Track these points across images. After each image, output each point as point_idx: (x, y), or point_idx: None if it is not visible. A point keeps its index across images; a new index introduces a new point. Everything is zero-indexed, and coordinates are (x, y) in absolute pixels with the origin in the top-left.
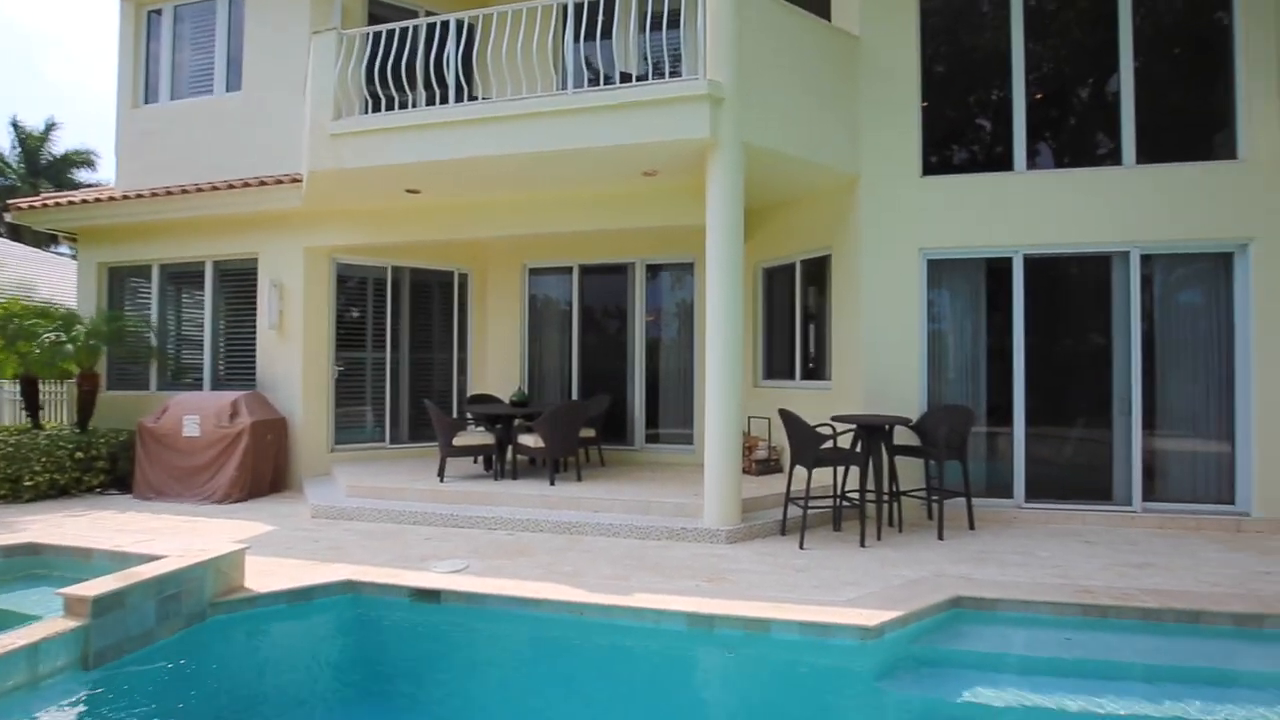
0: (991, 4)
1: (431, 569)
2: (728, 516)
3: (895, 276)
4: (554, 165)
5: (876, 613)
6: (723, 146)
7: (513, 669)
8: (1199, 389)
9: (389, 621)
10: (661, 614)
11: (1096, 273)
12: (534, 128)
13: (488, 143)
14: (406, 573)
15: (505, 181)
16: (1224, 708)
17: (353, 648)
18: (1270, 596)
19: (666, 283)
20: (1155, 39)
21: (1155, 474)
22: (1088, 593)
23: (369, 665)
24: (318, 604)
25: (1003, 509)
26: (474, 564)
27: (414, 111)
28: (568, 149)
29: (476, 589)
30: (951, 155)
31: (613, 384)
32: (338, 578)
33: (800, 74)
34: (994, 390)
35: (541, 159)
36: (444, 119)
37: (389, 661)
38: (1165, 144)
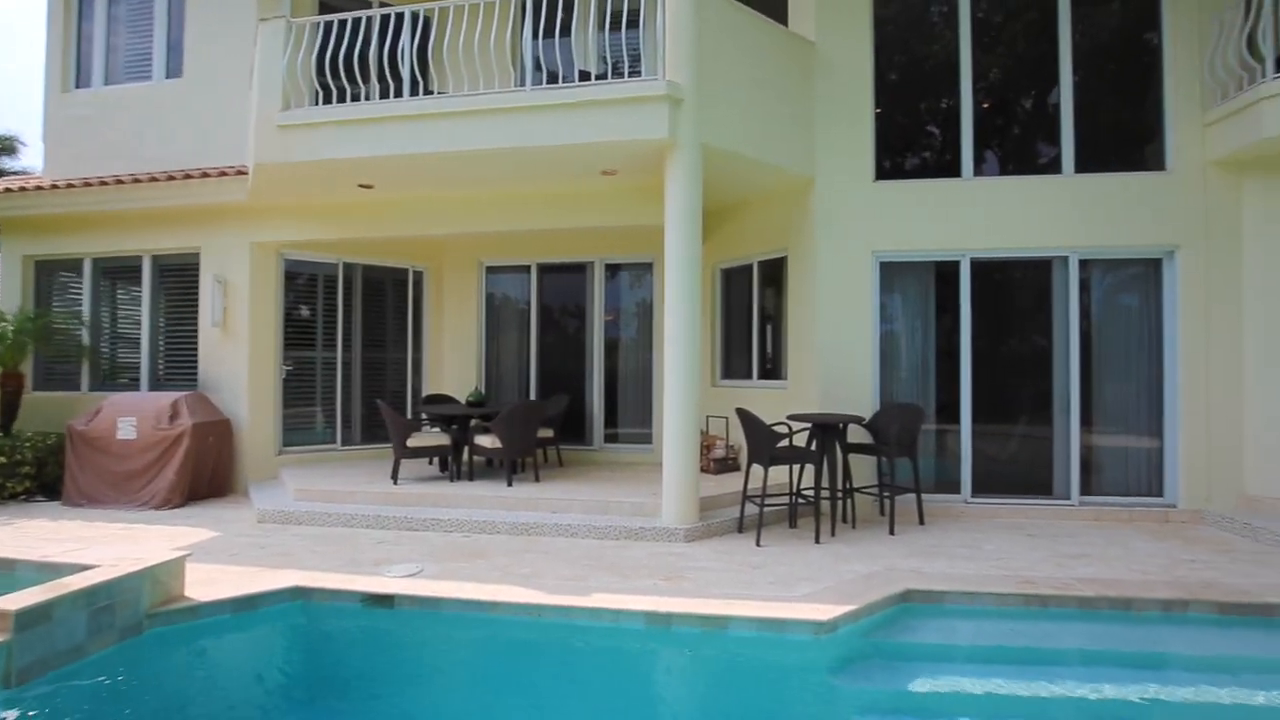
0: (942, 15)
1: (385, 573)
2: (686, 515)
3: (849, 278)
4: (511, 163)
5: (830, 608)
6: (681, 147)
7: (470, 673)
8: (1131, 388)
9: (341, 629)
10: (619, 614)
11: (1038, 276)
12: (491, 124)
13: (443, 138)
14: (359, 578)
15: (461, 178)
16: (1153, 689)
17: (303, 657)
18: (1194, 584)
19: (625, 282)
20: (1092, 54)
21: (1092, 469)
22: (1029, 583)
23: (320, 674)
24: (265, 612)
25: (951, 504)
26: (429, 567)
27: (367, 105)
28: (525, 147)
29: (432, 593)
30: (903, 160)
31: (571, 384)
32: (286, 584)
33: (758, 77)
34: (943, 389)
35: (499, 156)
36: (398, 113)
37: (341, 670)
38: (1102, 154)
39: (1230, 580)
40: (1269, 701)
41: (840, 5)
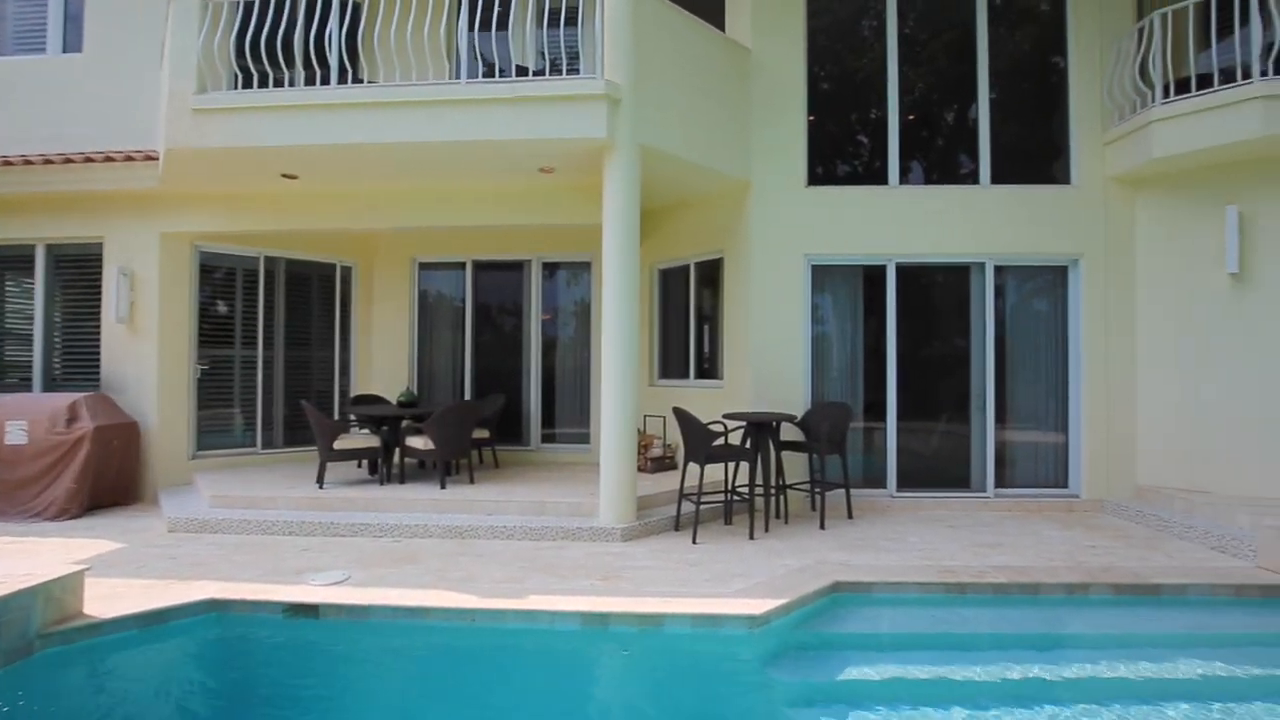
0: (872, 30)
1: (309, 581)
2: (623, 515)
3: (782, 280)
4: (446, 157)
5: (763, 602)
6: (619, 147)
7: (400, 682)
8: (1041, 387)
9: (261, 642)
10: (555, 615)
11: (958, 282)
12: (425, 116)
13: (374, 129)
14: (280, 587)
15: (393, 171)
16: (1059, 668)
17: (218, 673)
18: (1095, 568)
19: (563, 281)
20: (1007, 75)
21: (1006, 463)
22: (949, 572)
23: (238, 691)
24: (176, 627)
25: (878, 498)
26: (357, 574)
27: (292, 90)
28: (460, 141)
29: (359, 600)
30: (834, 167)
31: (508, 383)
32: (200, 596)
33: (696, 81)
34: (870, 388)
35: (432, 150)
36: (326, 101)
37: (261, 685)
38: (1015, 168)
39: (1125, 564)
40: (1158, 674)
41: (775, 14)
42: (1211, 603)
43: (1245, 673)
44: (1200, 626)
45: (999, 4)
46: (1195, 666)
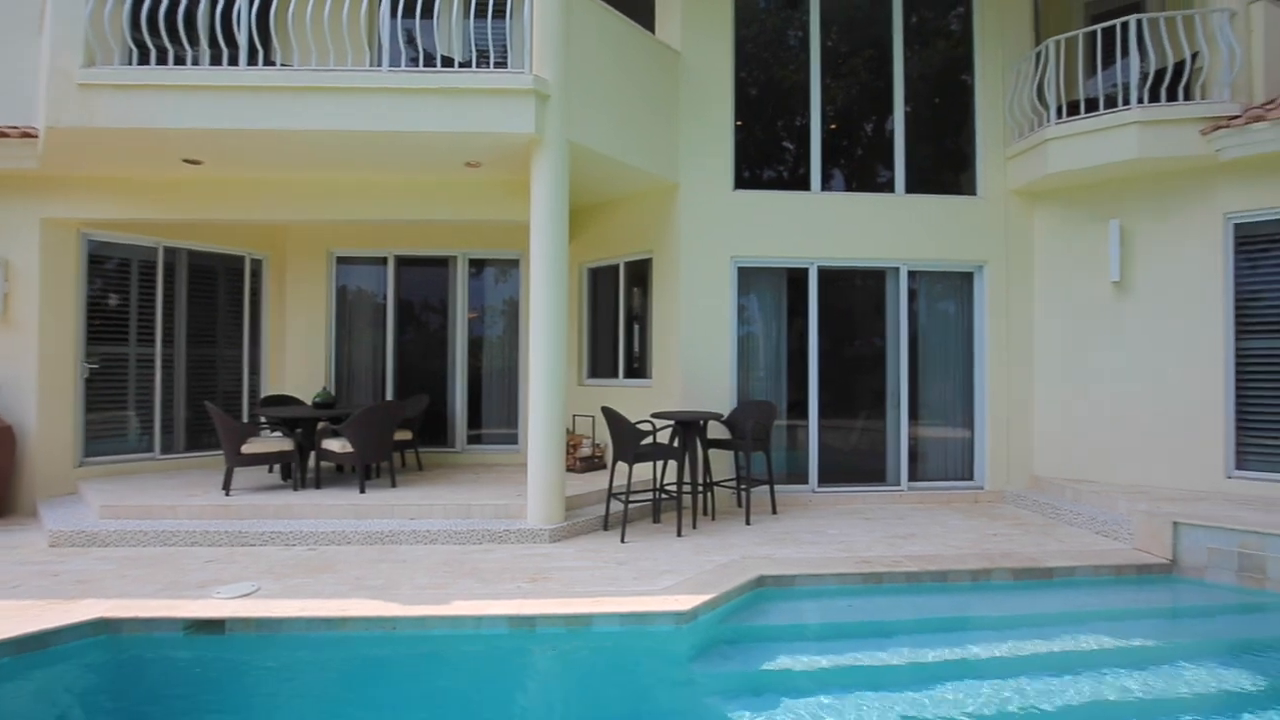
0: (798, 40)
1: (214, 595)
2: (551, 515)
3: (709, 282)
4: (366, 147)
5: (690, 598)
6: (548, 144)
7: (316, 697)
8: (950, 385)
9: (160, 663)
10: (481, 619)
11: (875, 285)
12: (343, 104)
13: (288, 115)
14: (181, 602)
15: (308, 160)
16: (968, 648)
17: (110, 700)
18: (996, 554)
19: (491, 278)
20: (920, 90)
21: (918, 458)
22: (866, 563)
23: (133, 717)
24: (59, 651)
25: (800, 494)
26: (267, 585)
27: (196, 69)
28: (380, 131)
29: (270, 613)
30: (761, 172)
31: (433, 383)
32: (87, 616)
33: (626, 80)
34: (793, 387)
35: (352, 139)
36: (235, 82)
37: (160, 709)
38: (927, 178)
39: (1023, 550)
40: (1052, 650)
41: (704, 19)
42: (1096, 582)
43: (1125, 644)
44: (1087, 605)
45: (914, 23)
46: (1083, 641)
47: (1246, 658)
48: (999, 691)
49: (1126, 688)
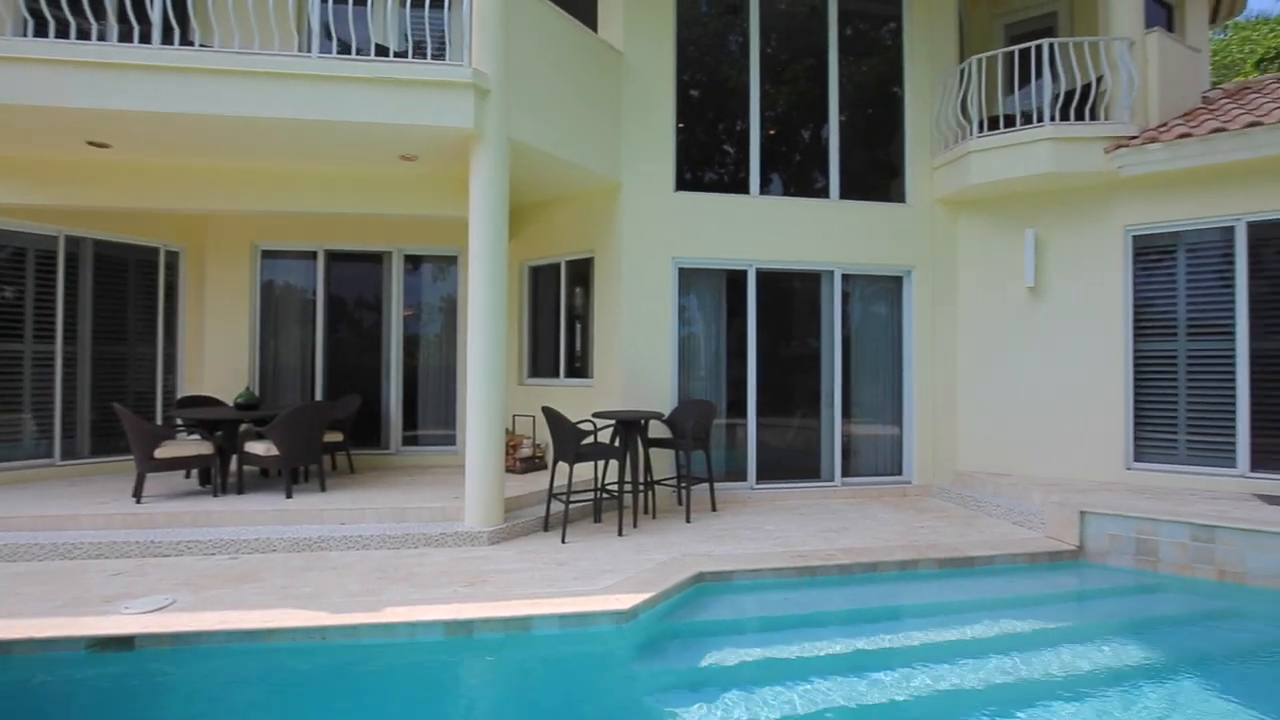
0: (738, 45)
1: (122, 611)
2: (490, 517)
3: (651, 282)
4: (292, 136)
5: (630, 596)
6: (487, 140)
7: (239, 713)
8: (880, 385)
9: (59, 685)
10: (415, 626)
11: (811, 287)
12: (268, 90)
13: (207, 99)
14: (84, 619)
15: (230, 147)
16: (896, 635)
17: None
18: (923, 545)
19: (428, 275)
20: (855, 100)
21: (851, 454)
22: (801, 557)
23: None
24: None
25: (739, 491)
26: (184, 598)
27: (103, 45)
28: (309, 120)
29: (186, 627)
30: (702, 174)
31: (365, 383)
32: None
33: (568, 78)
34: (733, 386)
35: (277, 127)
36: (146, 61)
37: None
38: (860, 185)
39: (947, 540)
40: (974, 635)
41: (646, 20)
42: (1012, 570)
43: (1040, 626)
44: (1005, 591)
45: (849, 34)
46: (1002, 625)
47: (1143, 634)
48: (926, 675)
49: (1040, 666)
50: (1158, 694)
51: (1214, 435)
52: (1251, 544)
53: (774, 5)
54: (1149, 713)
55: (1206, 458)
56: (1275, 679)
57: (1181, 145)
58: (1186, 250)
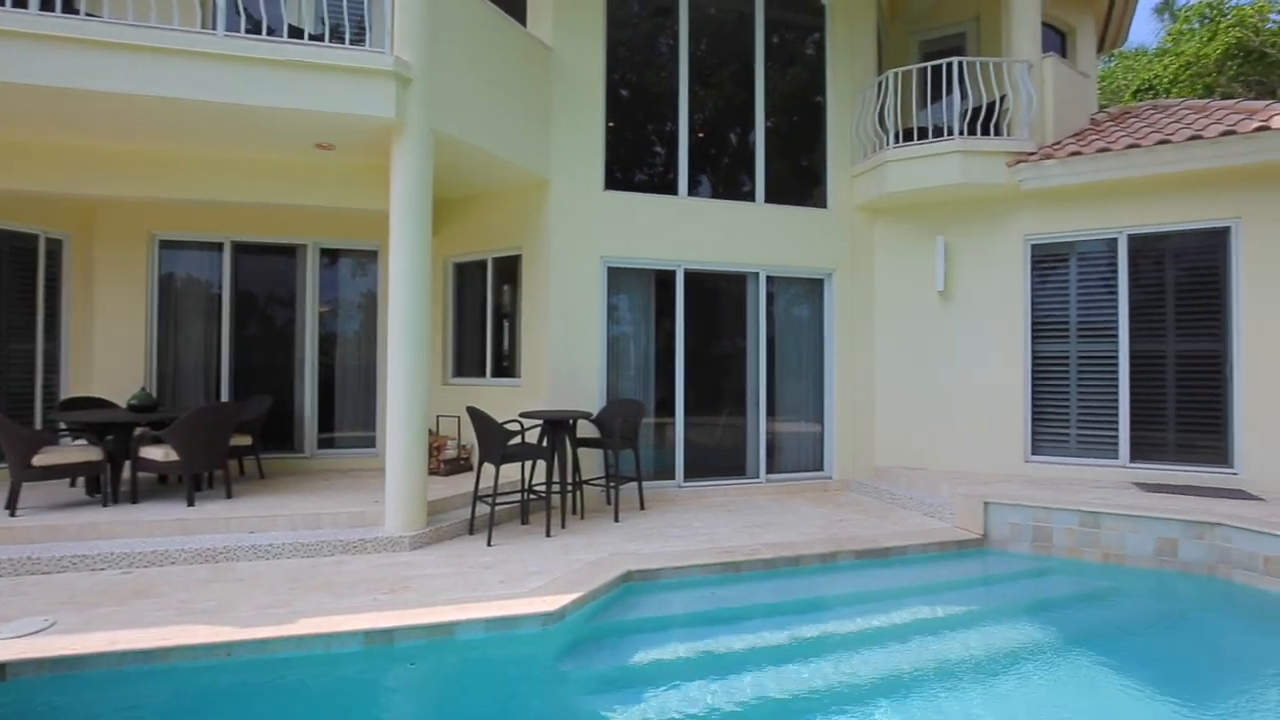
0: (667, 47)
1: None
2: (412, 521)
3: (579, 280)
4: (195, 118)
5: (558, 598)
6: (410, 130)
7: None
8: (803, 384)
9: None
10: (332, 637)
11: (737, 288)
12: (167, 67)
13: (96, 74)
14: None
15: (123, 128)
16: (818, 625)
17: None
18: (842, 538)
19: (347, 269)
20: (780, 105)
21: (775, 451)
22: (727, 553)
23: None
24: None
25: (667, 489)
26: (66, 619)
27: None
28: (213, 102)
29: (68, 650)
30: (631, 174)
31: (278, 383)
32: None
33: (495, 70)
34: (661, 385)
35: (177, 109)
36: (22, 28)
37: None
38: (784, 189)
39: (864, 533)
40: (888, 622)
41: (576, 17)
42: (923, 558)
43: (946, 611)
44: (916, 579)
45: (775, 43)
46: (914, 611)
47: (1037, 614)
48: (845, 662)
49: (947, 647)
50: (1049, 667)
51: (1100, 429)
52: (1130, 528)
53: (704, 10)
54: (1042, 684)
55: (1094, 450)
56: (1148, 650)
57: (1073, 163)
58: (1078, 259)
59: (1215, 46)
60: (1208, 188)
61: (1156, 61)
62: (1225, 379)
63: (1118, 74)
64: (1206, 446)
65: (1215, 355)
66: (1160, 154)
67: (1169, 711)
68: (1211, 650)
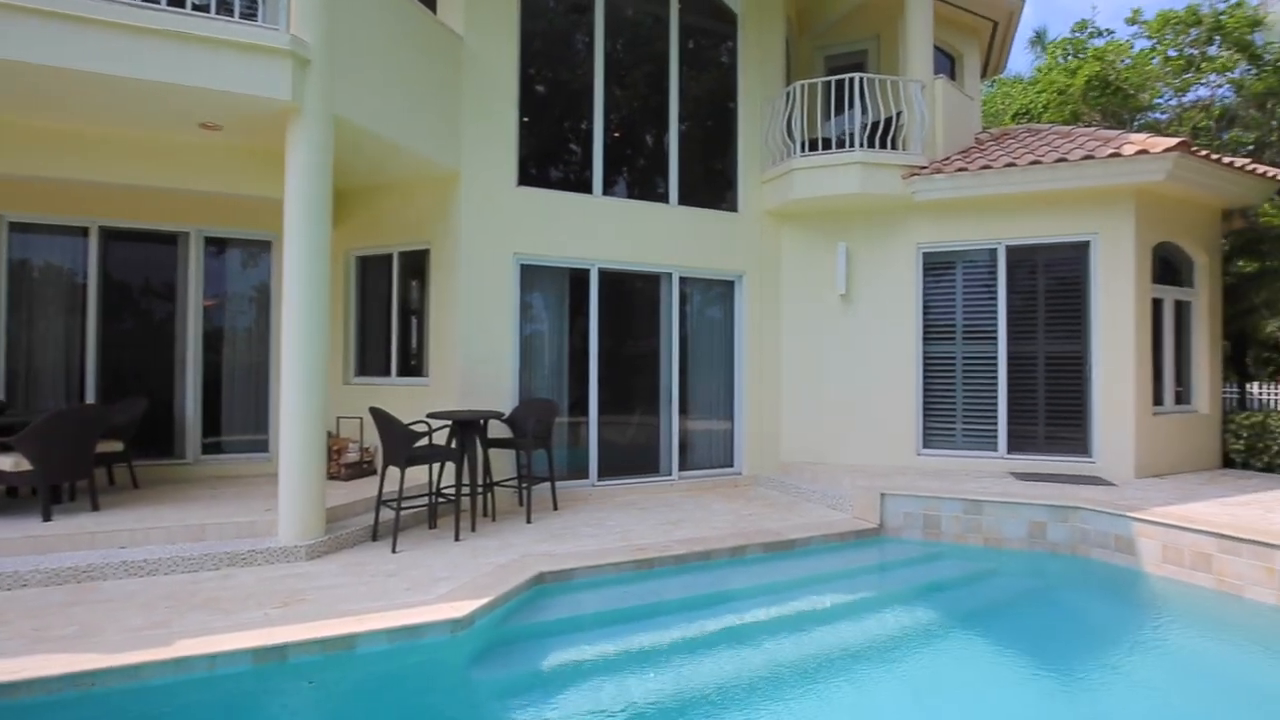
0: (583, 44)
1: None
2: (309, 530)
3: (491, 277)
4: (57, 87)
5: (466, 603)
6: (308, 114)
7: None
8: (714, 382)
9: None
10: (216, 658)
11: (651, 289)
12: (29, 29)
13: None
14: None
15: None
16: (727, 617)
17: None
18: (750, 532)
19: (236, 261)
20: (694, 110)
21: (687, 449)
22: (640, 550)
23: None
24: None
25: (581, 489)
26: None
27: None
28: (84, 71)
29: None
30: (546, 171)
31: (155, 383)
32: None
33: (402, 56)
34: (575, 384)
35: (36, 75)
36: None
37: None
38: (697, 192)
39: (771, 526)
40: (792, 610)
41: (488, 7)
42: (825, 548)
43: (845, 597)
44: (819, 568)
45: (690, 47)
46: (815, 599)
47: (926, 596)
48: (756, 650)
49: (846, 630)
50: (938, 643)
51: (982, 424)
52: (1008, 514)
53: (620, 11)
54: (932, 658)
55: (977, 443)
56: (1022, 623)
57: (959, 177)
58: (963, 267)
59: (1079, 79)
60: (1072, 205)
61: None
62: (1086, 377)
63: (998, 99)
64: (1070, 438)
65: (1078, 356)
66: (1033, 173)
67: (1042, 676)
68: (1074, 621)
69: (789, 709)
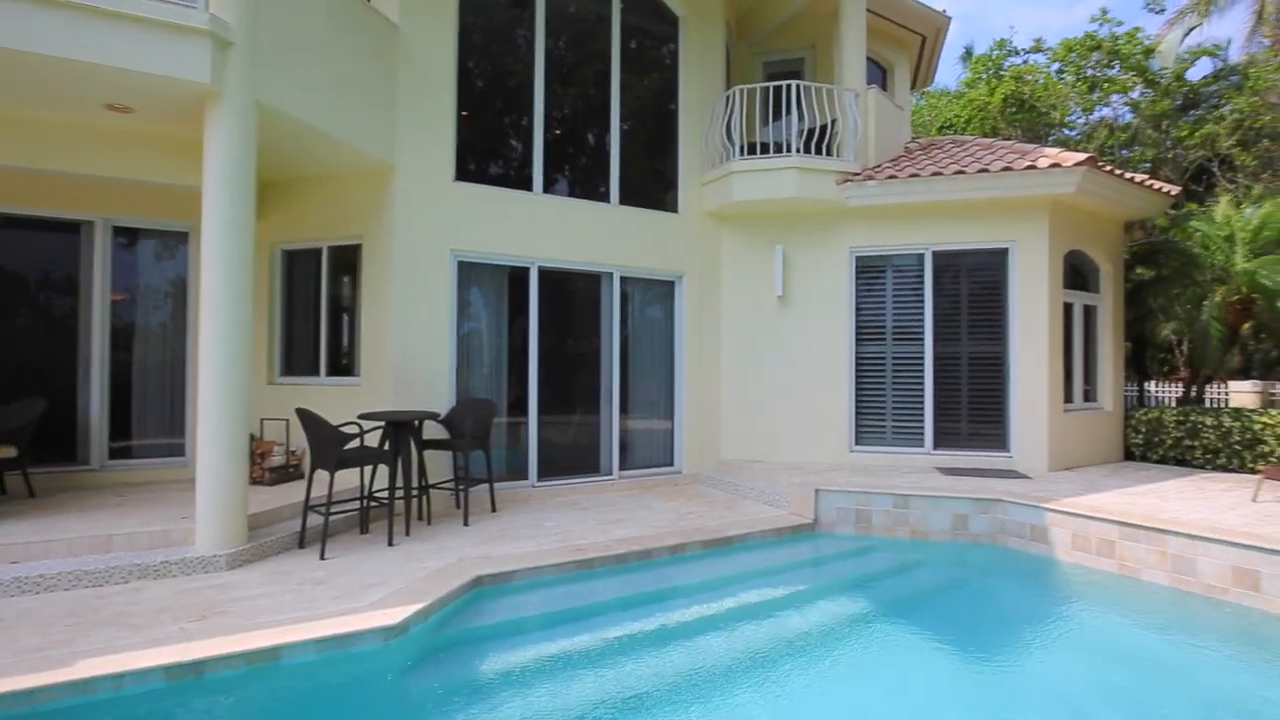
0: (524, 39)
1: None
2: (230, 537)
3: (427, 274)
4: None
5: (399, 610)
6: (229, 100)
7: None
8: (655, 382)
9: None
10: (123, 677)
11: (591, 288)
12: None
13: None
14: None
15: None
16: (669, 615)
17: None
18: (690, 529)
19: (149, 253)
20: (636, 110)
21: (628, 448)
22: (580, 550)
23: None
24: None
25: (520, 489)
26: None
27: None
28: None
29: None
30: (485, 167)
31: (54, 383)
32: None
33: (333, 43)
34: (514, 384)
35: None
36: None
37: None
38: (638, 192)
39: (710, 523)
40: (731, 605)
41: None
42: (763, 544)
43: (781, 590)
44: (757, 563)
45: (632, 48)
46: (753, 593)
47: (858, 587)
48: (694, 646)
49: (781, 623)
50: (869, 631)
51: (910, 421)
52: (932, 507)
53: (563, 7)
54: (863, 646)
55: (906, 440)
56: (948, 610)
57: (889, 184)
58: (894, 271)
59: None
60: (993, 213)
61: (955, 102)
62: (1004, 377)
63: (925, 111)
64: (990, 434)
65: (998, 357)
66: (958, 182)
67: (963, 656)
68: (993, 606)
69: (729, 700)
